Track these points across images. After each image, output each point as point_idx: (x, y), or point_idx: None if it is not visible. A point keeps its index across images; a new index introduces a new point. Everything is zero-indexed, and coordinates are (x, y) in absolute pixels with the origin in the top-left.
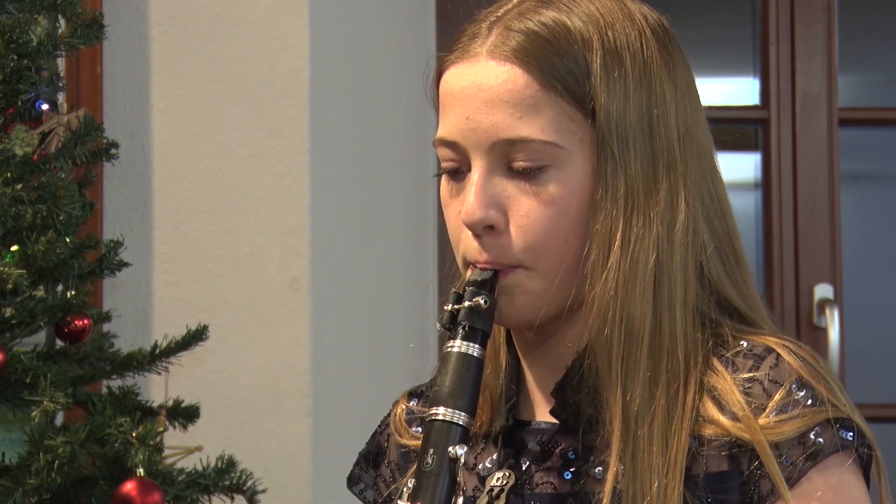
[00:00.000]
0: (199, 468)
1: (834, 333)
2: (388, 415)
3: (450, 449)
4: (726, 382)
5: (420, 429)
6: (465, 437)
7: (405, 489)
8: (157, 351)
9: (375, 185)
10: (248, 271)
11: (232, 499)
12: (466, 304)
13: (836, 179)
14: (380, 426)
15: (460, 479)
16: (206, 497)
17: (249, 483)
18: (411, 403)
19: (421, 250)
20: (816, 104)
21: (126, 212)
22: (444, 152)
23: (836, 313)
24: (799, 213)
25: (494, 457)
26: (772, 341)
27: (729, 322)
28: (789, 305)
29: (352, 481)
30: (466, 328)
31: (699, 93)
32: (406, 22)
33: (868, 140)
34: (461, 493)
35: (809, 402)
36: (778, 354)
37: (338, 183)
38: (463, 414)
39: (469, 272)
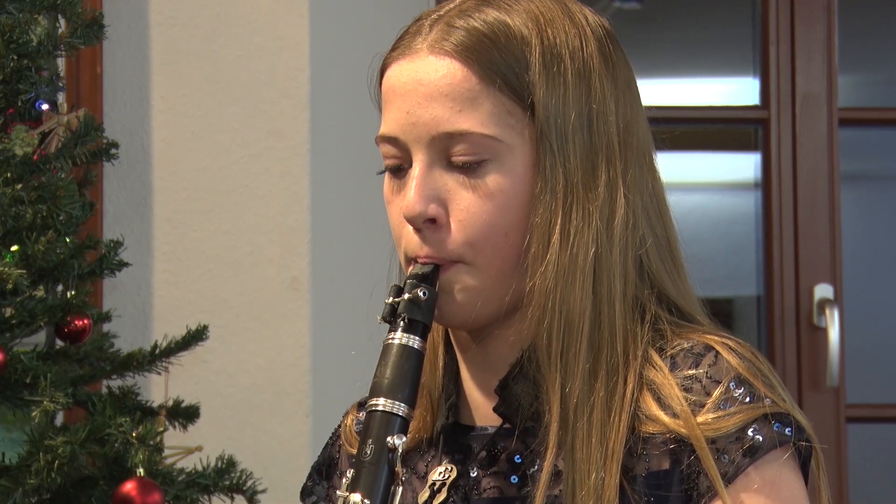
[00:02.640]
0: (199, 468)
1: (834, 333)
2: (339, 427)
3: (388, 439)
4: (665, 377)
5: None
6: (405, 427)
7: (344, 480)
8: (157, 351)
9: (375, 185)
10: (248, 271)
11: (232, 499)
12: (406, 296)
13: (836, 179)
14: (331, 438)
15: (399, 468)
16: (206, 497)
17: (249, 483)
18: (360, 414)
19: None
20: (816, 104)
21: (126, 212)
22: (386, 149)
23: (836, 313)
24: (799, 213)
25: (443, 461)
26: (711, 339)
27: (668, 317)
28: (789, 305)
29: (304, 493)
30: (406, 320)
31: (640, 94)
32: (406, 22)
33: (868, 140)
34: (400, 482)
35: (748, 399)
36: (717, 352)
37: (338, 183)
38: (402, 405)
39: (410, 268)
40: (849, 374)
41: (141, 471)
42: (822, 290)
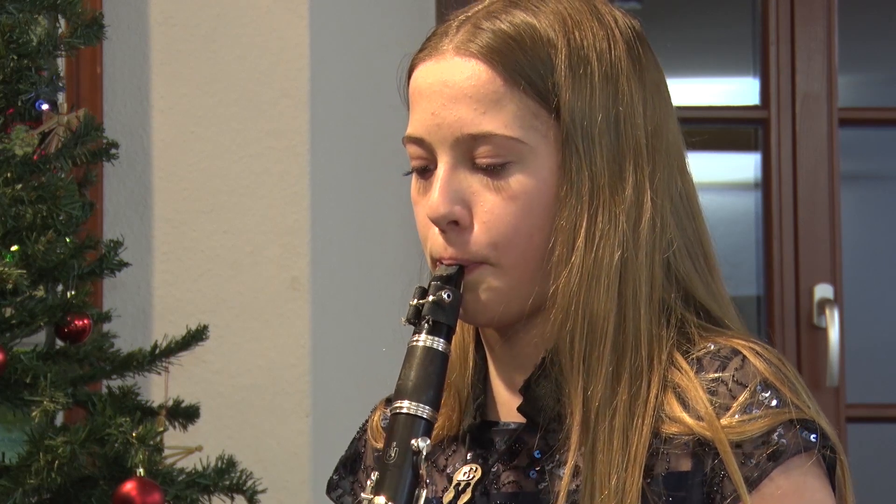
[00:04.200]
0: (199, 468)
1: (834, 333)
2: (366, 421)
3: (413, 442)
4: (690, 381)
5: None
6: (429, 430)
7: (368, 482)
8: (157, 351)
9: (375, 185)
10: (248, 271)
11: (232, 499)
12: (430, 298)
13: (836, 179)
14: (358, 432)
15: (423, 471)
16: (206, 497)
17: (249, 483)
18: (388, 410)
19: (421, 250)
20: (816, 104)
21: (126, 212)
22: (413, 150)
23: (836, 313)
24: (799, 213)
25: (467, 457)
26: (739, 343)
27: (695, 320)
28: (789, 305)
29: (330, 487)
30: (431, 322)
31: (670, 95)
32: (406, 21)
33: (868, 140)
34: (424, 485)
35: (774, 403)
36: (744, 356)
37: (338, 183)
38: (427, 407)
39: (436, 269)
40: (849, 374)
41: (141, 471)
42: (822, 290)
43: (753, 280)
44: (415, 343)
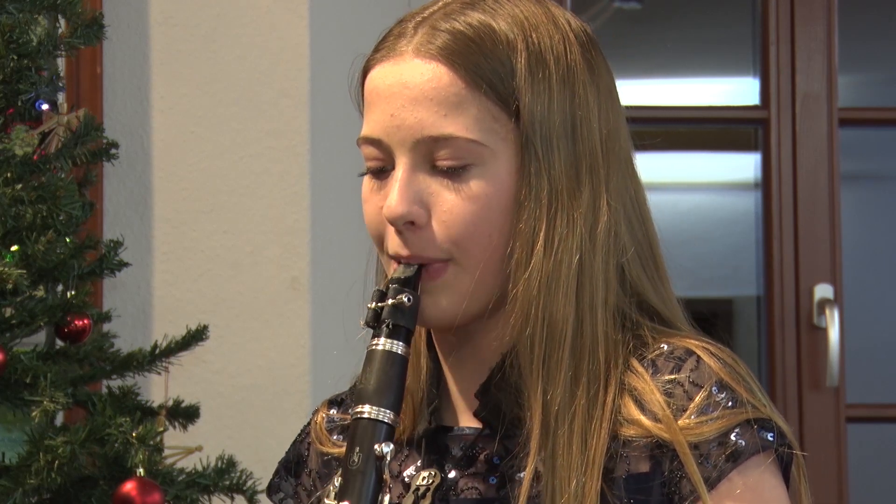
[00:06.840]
0: (199, 468)
1: (834, 333)
2: (308, 423)
3: (376, 446)
4: (646, 383)
5: (341, 437)
6: (391, 434)
7: (331, 488)
8: (157, 351)
9: None
10: (248, 271)
11: (232, 499)
12: (390, 301)
13: (836, 179)
14: (299, 435)
15: (386, 476)
16: (206, 497)
17: (249, 483)
18: (332, 412)
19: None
20: (816, 104)
21: (126, 212)
22: (369, 151)
23: (836, 313)
24: (799, 213)
25: (419, 463)
26: (692, 344)
27: (649, 324)
28: (789, 305)
29: (272, 490)
30: (390, 326)
31: (620, 100)
32: None
33: (868, 140)
34: (388, 490)
35: (730, 403)
36: (698, 357)
37: (338, 183)
38: (388, 412)
39: (393, 268)
40: (849, 374)
41: (141, 471)
42: (822, 290)
43: (753, 280)
44: (374, 347)
